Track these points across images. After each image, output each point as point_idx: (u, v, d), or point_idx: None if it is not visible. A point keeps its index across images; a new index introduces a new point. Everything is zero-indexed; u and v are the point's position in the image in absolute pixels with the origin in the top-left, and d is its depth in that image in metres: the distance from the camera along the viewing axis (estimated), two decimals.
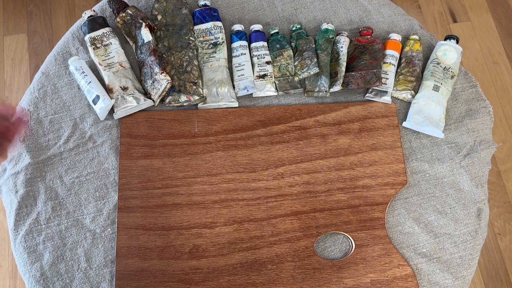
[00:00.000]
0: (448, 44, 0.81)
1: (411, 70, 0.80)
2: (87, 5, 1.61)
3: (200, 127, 0.77)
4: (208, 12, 0.82)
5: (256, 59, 0.81)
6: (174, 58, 0.79)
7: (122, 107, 0.76)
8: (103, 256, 0.71)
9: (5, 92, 1.50)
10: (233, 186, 0.74)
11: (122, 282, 0.69)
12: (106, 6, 0.85)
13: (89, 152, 0.76)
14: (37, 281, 0.69)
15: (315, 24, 0.86)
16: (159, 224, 0.71)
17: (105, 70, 0.78)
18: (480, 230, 0.75)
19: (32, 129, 0.73)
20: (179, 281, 0.69)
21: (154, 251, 0.70)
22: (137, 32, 0.79)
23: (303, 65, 0.79)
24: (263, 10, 0.87)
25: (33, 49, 1.55)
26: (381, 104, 0.80)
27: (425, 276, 0.72)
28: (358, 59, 0.80)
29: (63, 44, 0.83)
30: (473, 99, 0.82)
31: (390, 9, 0.88)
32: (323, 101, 0.81)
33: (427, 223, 0.74)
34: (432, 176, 0.77)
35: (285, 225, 0.72)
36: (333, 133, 0.77)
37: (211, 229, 0.71)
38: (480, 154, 0.78)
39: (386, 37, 0.85)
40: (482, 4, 1.65)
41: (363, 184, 0.75)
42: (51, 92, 0.79)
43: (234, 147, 0.76)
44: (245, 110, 0.78)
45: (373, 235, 0.72)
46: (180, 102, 0.77)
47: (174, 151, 0.75)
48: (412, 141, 0.79)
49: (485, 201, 0.76)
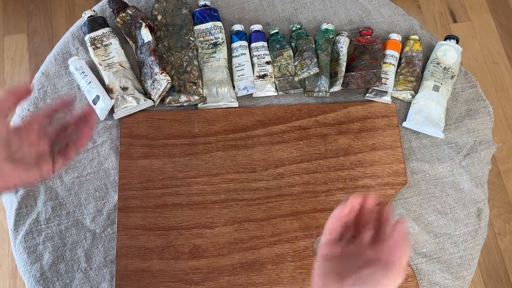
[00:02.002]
0: (448, 44, 0.81)
1: (411, 70, 0.80)
2: (87, 5, 1.61)
3: (200, 127, 0.77)
4: (208, 12, 0.82)
5: (256, 59, 0.81)
6: (174, 58, 0.79)
7: (122, 107, 0.76)
8: (103, 256, 0.71)
9: None
10: (233, 186, 0.74)
11: (122, 282, 0.68)
12: (106, 6, 0.85)
13: (89, 152, 0.76)
14: (37, 281, 0.69)
15: (315, 24, 0.86)
16: (159, 224, 0.71)
17: (105, 70, 0.78)
18: (480, 230, 0.75)
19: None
20: (179, 281, 0.69)
21: (154, 251, 0.70)
22: (137, 32, 0.79)
23: (303, 65, 0.79)
24: (263, 10, 0.87)
25: (33, 49, 1.55)
26: (381, 104, 0.80)
27: (425, 276, 0.71)
28: (358, 59, 0.80)
29: (63, 44, 0.83)
30: (473, 99, 0.82)
31: (390, 9, 0.88)
32: (323, 101, 0.81)
33: (427, 223, 0.74)
34: (432, 176, 0.77)
35: (285, 225, 0.72)
36: (333, 133, 0.77)
37: (211, 229, 0.71)
38: (480, 154, 0.78)
39: (386, 37, 0.85)
40: (482, 4, 1.65)
41: (363, 184, 0.75)
42: (51, 92, 0.79)
43: (234, 147, 0.76)
44: (245, 110, 0.78)
45: None
46: (180, 102, 0.77)
47: (174, 151, 0.75)
48: (412, 141, 0.79)
49: (485, 201, 0.76)
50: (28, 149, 0.53)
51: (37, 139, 0.54)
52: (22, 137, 0.53)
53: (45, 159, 0.54)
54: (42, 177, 0.53)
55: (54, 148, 0.57)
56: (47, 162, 0.54)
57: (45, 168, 0.53)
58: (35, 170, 0.52)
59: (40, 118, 0.56)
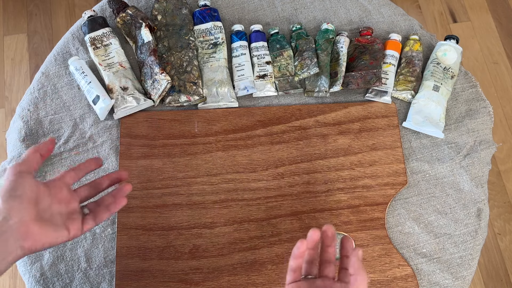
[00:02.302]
0: (448, 44, 0.81)
1: (411, 70, 0.80)
2: (87, 5, 1.61)
3: (200, 127, 0.77)
4: (208, 12, 0.82)
5: (256, 59, 0.81)
6: (174, 58, 0.79)
7: (122, 107, 0.76)
8: (103, 256, 0.71)
9: (5, 92, 1.50)
10: (233, 186, 0.74)
11: (122, 282, 0.68)
12: (106, 6, 0.85)
13: (89, 152, 0.76)
14: (37, 281, 0.69)
15: (315, 24, 0.86)
16: (159, 224, 0.71)
17: (105, 70, 0.78)
18: (480, 230, 0.75)
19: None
20: (179, 281, 0.69)
21: (154, 251, 0.70)
22: (137, 32, 0.79)
23: (303, 65, 0.79)
24: (263, 10, 0.87)
25: (33, 49, 1.55)
26: (381, 104, 0.80)
27: (425, 276, 0.72)
28: (358, 59, 0.80)
29: (63, 44, 0.83)
30: (473, 99, 0.82)
31: (390, 9, 0.88)
32: (323, 101, 0.81)
33: (427, 223, 0.74)
34: (432, 176, 0.77)
35: (285, 225, 0.72)
36: (333, 133, 0.77)
37: (211, 229, 0.71)
38: (480, 154, 0.78)
39: (386, 37, 0.85)
40: (482, 4, 1.65)
41: (363, 184, 0.75)
42: (51, 92, 0.79)
43: (234, 147, 0.76)
44: (245, 110, 0.78)
45: (373, 235, 0.72)
46: (180, 102, 0.77)
47: (174, 151, 0.75)
48: (412, 141, 0.79)
49: (485, 201, 0.76)
50: (58, 207, 0.51)
51: (68, 196, 0.53)
52: (52, 193, 0.51)
53: (74, 218, 0.52)
54: (70, 238, 0.51)
55: (84, 208, 0.55)
56: (76, 221, 0.52)
57: (74, 228, 0.51)
58: (63, 230, 0.50)
59: (71, 175, 0.55)
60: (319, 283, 0.52)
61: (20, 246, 0.46)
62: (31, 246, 0.47)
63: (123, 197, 0.57)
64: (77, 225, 0.52)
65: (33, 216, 0.48)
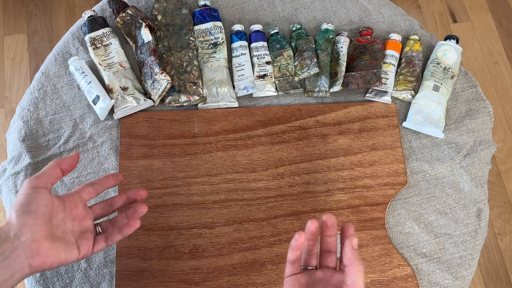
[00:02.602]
0: (448, 44, 0.81)
1: (411, 70, 0.80)
2: (87, 5, 1.61)
3: (200, 127, 0.77)
4: (208, 12, 0.82)
5: (256, 59, 0.81)
6: (174, 58, 0.79)
7: (122, 107, 0.76)
8: (103, 256, 0.71)
9: (5, 92, 1.50)
10: (233, 186, 0.74)
11: (122, 282, 0.68)
12: (106, 6, 0.85)
13: (89, 152, 0.76)
14: (37, 281, 0.69)
15: (315, 24, 0.86)
16: (159, 224, 0.71)
17: (105, 70, 0.78)
18: (480, 230, 0.75)
19: None
20: (179, 281, 0.69)
21: (154, 251, 0.70)
22: (137, 32, 0.79)
23: (303, 65, 0.79)
24: (263, 10, 0.87)
25: (33, 49, 1.55)
26: (381, 104, 0.80)
27: (425, 276, 0.72)
28: (358, 59, 0.80)
29: (63, 44, 0.83)
30: (473, 99, 0.82)
31: (390, 9, 0.88)
32: (323, 101, 0.81)
33: (427, 223, 0.74)
34: (432, 176, 0.77)
35: (285, 225, 0.72)
36: (333, 133, 0.77)
37: (211, 229, 0.71)
38: (480, 154, 0.78)
39: (386, 37, 0.85)
40: (482, 4, 1.65)
41: (363, 184, 0.75)
42: (51, 92, 0.79)
43: (234, 147, 0.76)
44: (245, 110, 0.78)
45: (373, 235, 0.72)
46: (180, 102, 0.77)
47: (174, 151, 0.75)
48: (412, 141, 0.79)
49: (485, 201, 0.76)
50: (71, 224, 0.50)
51: (83, 213, 0.52)
52: (67, 209, 0.50)
53: (86, 237, 0.51)
54: (79, 259, 0.50)
55: (97, 226, 0.54)
56: (88, 241, 0.51)
57: (85, 248, 0.50)
58: (74, 250, 0.49)
59: (89, 191, 0.54)
60: (318, 274, 0.50)
61: (28, 265, 0.45)
62: (39, 265, 0.46)
63: (137, 219, 0.55)
64: (89, 245, 0.51)
65: (45, 233, 0.47)
